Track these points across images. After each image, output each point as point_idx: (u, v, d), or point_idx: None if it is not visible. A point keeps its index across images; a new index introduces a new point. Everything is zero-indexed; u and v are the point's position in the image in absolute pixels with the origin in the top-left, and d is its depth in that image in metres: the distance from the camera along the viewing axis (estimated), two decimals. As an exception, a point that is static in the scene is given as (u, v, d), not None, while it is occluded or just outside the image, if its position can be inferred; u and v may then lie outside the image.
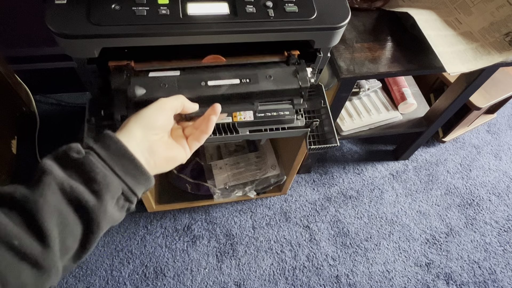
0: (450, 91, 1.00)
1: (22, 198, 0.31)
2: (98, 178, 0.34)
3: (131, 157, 0.37)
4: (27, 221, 0.30)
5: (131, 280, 1.00)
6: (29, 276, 0.29)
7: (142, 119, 0.40)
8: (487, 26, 0.74)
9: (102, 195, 0.34)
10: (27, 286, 0.29)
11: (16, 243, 0.29)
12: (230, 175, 1.10)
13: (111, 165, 0.35)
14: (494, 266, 1.12)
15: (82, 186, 0.33)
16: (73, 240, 0.33)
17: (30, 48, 1.11)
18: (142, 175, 0.38)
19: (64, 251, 0.32)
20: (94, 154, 0.35)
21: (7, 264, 0.28)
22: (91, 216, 0.33)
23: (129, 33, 0.47)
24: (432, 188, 1.26)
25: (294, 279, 1.04)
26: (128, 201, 0.38)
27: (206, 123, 0.45)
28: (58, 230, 0.31)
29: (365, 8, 0.82)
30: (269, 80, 0.54)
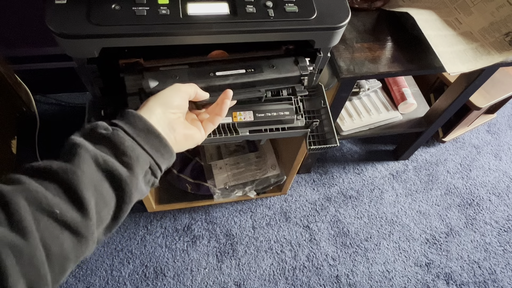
0: (450, 91, 1.00)
1: (60, 170, 0.32)
2: (128, 151, 0.35)
3: (156, 132, 0.39)
4: (66, 191, 0.31)
5: (131, 280, 1.00)
6: (70, 244, 0.30)
7: (160, 98, 0.43)
8: (487, 26, 0.74)
9: (134, 167, 0.35)
10: (69, 254, 0.30)
11: (58, 212, 0.30)
12: (230, 175, 1.10)
13: (138, 140, 0.37)
14: (494, 266, 1.12)
15: (114, 159, 0.35)
16: (107, 212, 0.34)
17: (30, 48, 1.11)
18: (166, 150, 0.40)
19: (100, 222, 0.33)
20: (121, 130, 0.37)
21: (50, 233, 0.29)
22: (124, 187, 0.35)
23: (129, 33, 0.47)
24: (432, 188, 1.26)
25: (294, 279, 1.04)
26: (154, 175, 0.39)
27: (220, 107, 0.49)
28: (95, 200, 0.32)
29: (365, 8, 0.82)
30: (272, 69, 0.58)
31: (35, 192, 0.30)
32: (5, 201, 0.28)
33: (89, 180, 0.32)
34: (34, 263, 0.28)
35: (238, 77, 0.56)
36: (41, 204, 0.29)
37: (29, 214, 0.28)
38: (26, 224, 0.28)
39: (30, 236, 0.28)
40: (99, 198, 0.33)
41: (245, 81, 0.56)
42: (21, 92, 1.14)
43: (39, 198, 0.29)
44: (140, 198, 0.38)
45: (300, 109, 0.65)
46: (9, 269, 0.26)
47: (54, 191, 0.31)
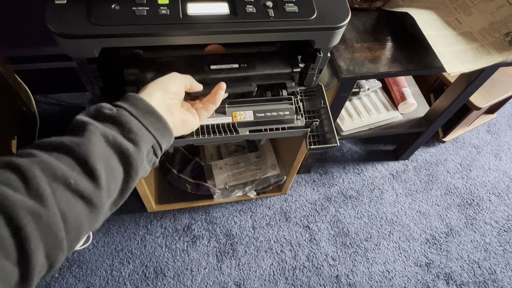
0: (450, 91, 1.00)
1: (72, 144, 0.33)
2: (134, 129, 0.37)
3: (157, 113, 0.41)
4: (79, 163, 0.33)
5: (131, 280, 1.00)
6: (84, 213, 0.32)
7: (159, 83, 0.45)
8: (487, 26, 0.74)
9: (140, 144, 0.37)
10: (83, 222, 0.32)
11: (73, 182, 0.31)
12: (230, 175, 1.10)
13: (141, 120, 0.39)
14: (494, 266, 1.12)
15: (121, 136, 0.37)
16: (115, 185, 0.36)
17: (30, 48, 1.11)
18: (166, 131, 0.42)
19: (109, 195, 0.35)
20: (125, 110, 0.39)
21: (66, 201, 0.31)
22: (131, 162, 0.36)
23: (129, 33, 0.47)
24: (432, 188, 1.26)
25: (294, 279, 1.04)
26: (155, 155, 0.41)
27: (214, 97, 0.53)
28: (105, 174, 0.34)
29: (365, 8, 0.82)
30: (264, 65, 0.60)
31: (49, 163, 0.31)
32: (22, 171, 0.29)
33: (100, 153, 0.34)
34: (52, 229, 0.29)
35: (231, 71, 0.58)
36: (56, 174, 0.31)
37: (45, 183, 0.30)
38: (44, 192, 0.29)
39: (48, 203, 0.29)
40: (109, 171, 0.34)
41: (238, 75, 0.58)
42: (21, 92, 1.14)
43: (54, 169, 0.31)
44: (143, 176, 0.40)
45: (300, 109, 0.65)
46: (31, 234, 0.27)
47: (68, 163, 0.32)
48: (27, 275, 0.27)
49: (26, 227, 0.27)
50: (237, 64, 0.58)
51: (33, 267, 0.27)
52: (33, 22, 1.03)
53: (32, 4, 0.98)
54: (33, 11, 0.99)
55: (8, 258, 0.26)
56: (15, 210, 0.27)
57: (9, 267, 0.26)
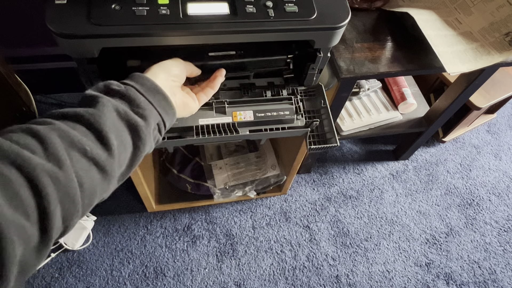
0: (450, 91, 1.00)
1: (86, 114, 0.34)
2: (142, 104, 0.39)
3: (162, 92, 0.43)
4: (93, 132, 0.34)
5: (131, 280, 1.00)
6: (98, 179, 0.33)
7: (163, 65, 0.47)
8: (487, 26, 0.74)
9: (148, 118, 0.39)
10: (96, 188, 0.33)
11: (88, 149, 0.32)
12: (230, 175, 1.10)
13: (149, 98, 0.41)
14: (494, 266, 1.12)
15: (130, 111, 0.38)
16: (125, 157, 0.37)
17: (30, 48, 1.11)
18: (171, 109, 0.44)
19: (119, 165, 0.36)
20: (133, 88, 0.40)
21: (81, 167, 0.32)
22: (140, 135, 0.38)
23: (129, 33, 0.47)
24: (432, 188, 1.26)
25: (294, 279, 1.04)
26: (159, 132, 0.43)
27: (213, 81, 0.55)
28: (116, 144, 0.35)
29: (365, 8, 0.82)
30: (261, 51, 0.61)
31: (66, 130, 0.32)
32: (41, 136, 0.30)
33: (112, 124, 0.35)
34: (69, 192, 0.30)
35: (228, 58, 0.59)
36: (73, 141, 0.32)
37: (63, 148, 0.31)
38: (61, 156, 0.30)
39: (66, 167, 0.30)
40: (120, 142, 0.36)
41: (235, 62, 0.60)
42: (21, 92, 1.14)
43: (71, 136, 0.32)
44: (149, 152, 0.41)
45: (300, 109, 0.65)
46: (50, 196, 0.28)
47: (83, 132, 0.33)
48: (46, 236, 0.28)
49: (46, 188, 0.28)
50: (234, 51, 0.60)
51: (51, 228, 0.28)
52: (33, 22, 1.03)
53: (32, 4, 0.98)
54: (33, 11, 0.99)
55: (28, 219, 0.27)
56: (36, 172, 0.28)
57: (29, 227, 0.27)
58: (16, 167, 0.27)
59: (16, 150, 0.28)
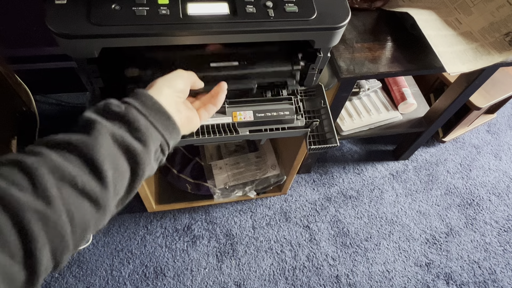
0: (450, 91, 1.00)
1: (79, 143, 0.33)
2: (142, 128, 0.37)
3: (165, 112, 0.41)
4: (86, 163, 0.33)
5: (131, 280, 1.00)
6: (90, 213, 0.32)
7: (167, 80, 0.45)
8: (487, 26, 0.74)
9: (148, 143, 0.37)
10: (89, 222, 0.32)
11: (80, 182, 0.31)
12: (230, 175, 1.10)
13: (150, 119, 0.39)
14: (494, 266, 1.12)
15: (129, 135, 0.37)
16: (122, 184, 0.36)
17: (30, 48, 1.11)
18: (174, 129, 0.42)
19: (115, 194, 0.35)
20: (134, 108, 0.38)
21: (72, 201, 0.31)
22: (138, 162, 0.36)
23: (129, 33, 0.47)
24: (432, 188, 1.26)
25: (294, 279, 1.04)
26: (162, 153, 0.41)
27: (215, 98, 0.52)
28: (112, 173, 0.34)
29: (365, 8, 0.82)
30: (265, 62, 0.60)
31: (57, 163, 0.31)
32: (29, 170, 0.30)
33: (107, 153, 0.34)
34: (59, 230, 0.29)
35: (231, 69, 0.58)
36: (64, 174, 0.31)
37: (53, 183, 0.30)
38: (51, 192, 0.29)
39: (55, 204, 0.29)
40: (116, 171, 0.34)
41: (238, 73, 0.58)
42: (21, 92, 1.14)
43: (62, 169, 0.31)
44: (150, 175, 0.40)
45: (300, 109, 0.65)
46: (37, 234, 0.27)
47: (75, 163, 0.32)
48: (33, 276, 0.28)
49: (33, 229, 0.27)
50: (237, 62, 0.58)
51: (39, 268, 0.28)
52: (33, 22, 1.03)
53: (32, 4, 0.98)
54: (33, 11, 0.99)
55: (14, 259, 0.26)
56: (22, 211, 0.27)
57: (15, 268, 0.26)
58: (2, 206, 0.27)
59: (3, 187, 0.28)
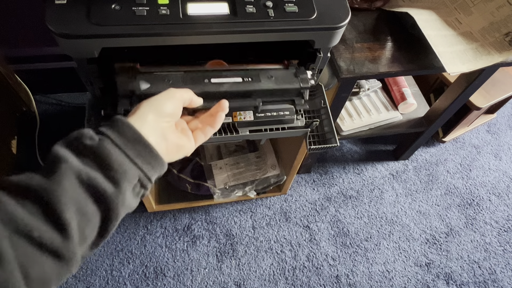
0: (450, 91, 1.00)
1: (39, 188, 0.30)
2: (115, 165, 0.33)
3: (145, 143, 0.36)
4: (45, 211, 0.29)
5: (131, 280, 1.00)
6: (52, 267, 0.29)
7: (154, 104, 0.40)
8: (487, 26, 0.74)
9: (120, 182, 0.34)
10: (50, 276, 0.29)
11: (36, 234, 0.28)
12: (230, 175, 1.10)
13: (127, 152, 0.35)
14: (494, 266, 1.12)
15: (99, 174, 0.33)
16: (91, 229, 0.32)
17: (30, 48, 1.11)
18: (156, 161, 0.38)
19: (83, 240, 0.32)
20: (108, 140, 0.34)
21: (29, 257, 0.28)
22: (109, 205, 0.33)
23: (129, 33, 0.47)
24: (432, 188, 1.26)
25: (294, 279, 1.04)
26: (143, 187, 0.37)
27: (214, 119, 0.47)
28: (77, 220, 0.31)
29: (365, 8, 0.82)
30: (271, 80, 0.56)
31: (11, 213, 0.28)
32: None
33: (71, 198, 0.30)
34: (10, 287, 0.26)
35: (234, 86, 0.53)
36: (18, 226, 0.28)
37: (5, 237, 0.27)
38: (1, 247, 0.26)
39: (5, 262, 0.26)
40: (82, 216, 0.31)
41: (241, 90, 0.54)
42: (21, 92, 1.14)
43: (16, 220, 0.28)
44: (129, 211, 0.37)
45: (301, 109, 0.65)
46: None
47: (33, 211, 0.29)
48: None
49: None
50: (241, 78, 0.54)
51: None
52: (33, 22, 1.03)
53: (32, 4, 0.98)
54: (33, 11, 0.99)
55: None
56: None
57: None
58: None
59: None
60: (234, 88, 0.53)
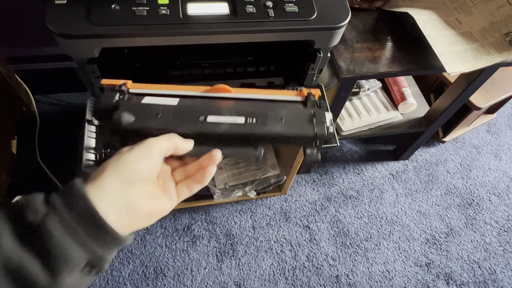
0: (450, 91, 1.00)
1: None
2: (55, 252, 0.28)
3: (100, 222, 0.30)
4: None
5: (131, 280, 1.00)
6: None
7: (122, 168, 0.32)
8: (487, 26, 0.74)
9: (58, 272, 0.28)
10: None
11: None
12: (230, 175, 1.10)
13: (75, 233, 0.29)
14: (494, 266, 1.12)
15: (35, 262, 0.28)
16: None
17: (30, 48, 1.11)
18: (113, 240, 0.31)
19: None
20: (55, 217, 0.29)
21: None
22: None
23: (129, 33, 0.47)
24: (432, 188, 1.26)
25: (294, 279, 1.04)
26: (95, 267, 0.31)
27: (203, 173, 0.38)
28: None
29: (365, 8, 0.82)
30: (280, 123, 0.44)
31: None
32: None
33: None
34: None
35: (234, 127, 0.42)
36: None
37: None
38: None
39: None
40: None
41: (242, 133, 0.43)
42: (21, 92, 1.14)
43: None
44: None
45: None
46: None
47: None
48: None
49: None
50: (243, 118, 0.43)
51: None
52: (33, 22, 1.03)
53: (32, 4, 0.98)
54: (33, 11, 0.99)
55: None
56: None
57: None
58: None
59: None
60: (234, 130, 0.42)
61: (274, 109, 0.44)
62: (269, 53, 0.71)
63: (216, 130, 0.41)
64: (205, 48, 0.59)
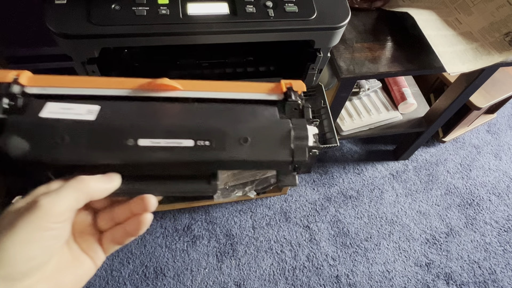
0: (450, 91, 1.00)
1: None
2: None
3: None
4: None
5: (131, 280, 1.00)
6: None
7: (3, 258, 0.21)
8: (487, 26, 0.74)
9: None
10: None
11: None
12: (230, 175, 1.10)
13: None
14: (494, 266, 1.12)
15: None
16: None
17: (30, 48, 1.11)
18: None
19: None
20: None
21: None
22: None
23: (129, 33, 0.47)
24: (432, 188, 1.26)
25: (294, 279, 1.04)
26: None
27: (136, 223, 0.29)
28: None
29: (365, 8, 0.82)
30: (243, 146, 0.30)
31: None
32: None
33: None
34: None
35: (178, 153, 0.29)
36: None
37: None
38: None
39: None
40: None
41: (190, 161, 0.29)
42: (21, 92, 1.14)
43: None
44: None
45: None
46: None
47: None
48: None
49: None
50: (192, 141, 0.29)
51: None
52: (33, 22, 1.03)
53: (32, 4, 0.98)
54: (33, 11, 0.99)
55: None
56: None
57: None
58: None
59: None
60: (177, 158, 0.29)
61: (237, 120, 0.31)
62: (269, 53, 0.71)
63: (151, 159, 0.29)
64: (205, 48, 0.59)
